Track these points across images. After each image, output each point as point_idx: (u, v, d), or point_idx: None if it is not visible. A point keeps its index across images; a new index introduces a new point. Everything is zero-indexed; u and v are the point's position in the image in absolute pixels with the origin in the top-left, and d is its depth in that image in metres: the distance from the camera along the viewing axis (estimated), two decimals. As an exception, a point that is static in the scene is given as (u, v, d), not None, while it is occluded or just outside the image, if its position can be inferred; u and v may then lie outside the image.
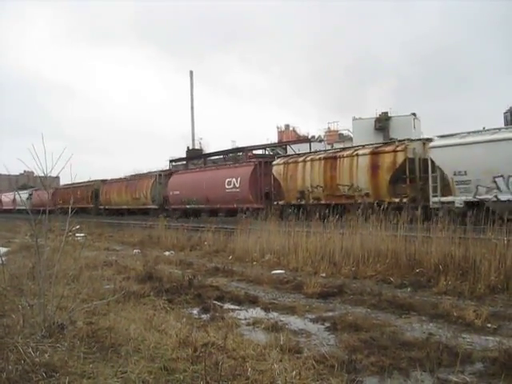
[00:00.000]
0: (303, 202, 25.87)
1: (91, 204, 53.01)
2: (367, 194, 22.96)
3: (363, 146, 25.23)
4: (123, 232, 24.26)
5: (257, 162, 31.91)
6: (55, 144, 7.85)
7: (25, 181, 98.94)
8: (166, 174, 41.59)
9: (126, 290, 8.10)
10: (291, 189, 27.44)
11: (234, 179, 31.73)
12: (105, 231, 25.32)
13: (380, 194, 22.50)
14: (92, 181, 53.98)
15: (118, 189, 48.25)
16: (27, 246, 14.07)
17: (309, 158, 26.93)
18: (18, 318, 5.93)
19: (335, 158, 25.21)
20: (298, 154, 29.90)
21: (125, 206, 46.51)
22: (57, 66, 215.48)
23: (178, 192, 37.56)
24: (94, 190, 52.84)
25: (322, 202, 25.01)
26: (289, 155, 31.02)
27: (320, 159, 26.09)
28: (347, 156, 24.54)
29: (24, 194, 63.99)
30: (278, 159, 29.74)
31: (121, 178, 50.77)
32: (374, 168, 23.00)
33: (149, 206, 41.58)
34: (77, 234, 19.66)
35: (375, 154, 23.31)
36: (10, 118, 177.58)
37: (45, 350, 4.89)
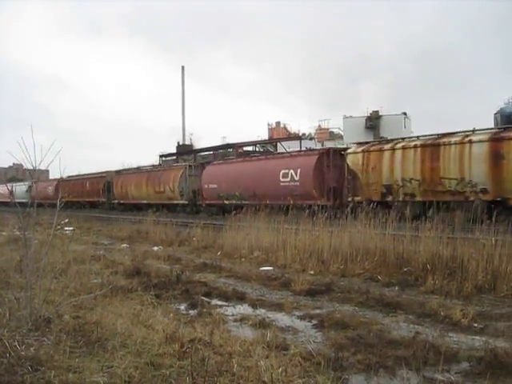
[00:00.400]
0: (390, 199, 21.87)
1: (102, 198, 47.72)
2: (484, 190, 19.20)
3: (473, 130, 20.57)
4: (112, 226, 24.17)
5: (322, 150, 27.30)
6: (47, 137, 7.81)
7: (14, 173, 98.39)
8: (197, 165, 37.05)
9: (113, 285, 8.06)
10: (373, 182, 23.04)
11: (291, 171, 26.61)
12: (93, 225, 25.25)
13: (504, 190, 18.76)
14: (104, 172, 49.93)
15: (136, 181, 42.53)
16: (15, 239, 14.00)
17: (399, 145, 22.50)
18: (4, 311, 5.88)
19: (438, 145, 21.00)
20: (380, 141, 25.20)
21: (145, 201, 40.80)
22: (49, 60, 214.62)
23: (214, 185, 32.48)
24: (106, 182, 47.55)
25: (418, 198, 21.24)
26: (369, 142, 25.91)
27: (416, 147, 21.76)
28: (456, 143, 20.34)
29: (23, 186, 57.77)
30: (355, 146, 25.23)
31: (140, 169, 46.14)
32: (496, 158, 18.85)
33: (176, 202, 36.63)
34: (65, 228, 19.59)
35: (497, 140, 19.15)
36: (2, 112, 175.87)
37: (31, 344, 4.86)
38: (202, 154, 47.12)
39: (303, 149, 33.18)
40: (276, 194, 26.04)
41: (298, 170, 26.30)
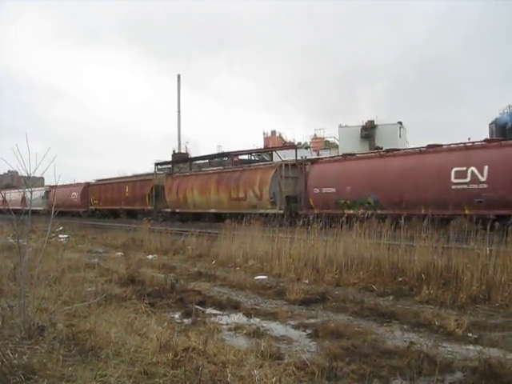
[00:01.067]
0: None
1: (149, 206, 38.68)
2: None
3: None
4: (106, 234, 24.05)
5: None
6: (41, 145, 7.80)
7: (8, 180, 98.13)
8: (295, 164, 28.50)
9: (107, 293, 8.05)
10: None
11: (472, 168, 19.52)
12: (88, 233, 25.14)
13: None
14: (149, 174, 43.18)
15: (200, 185, 33.55)
16: (9, 247, 13.94)
17: None
18: (-3, 319, 5.86)
19: None
20: None
21: (213, 210, 32.04)
22: (44, 67, 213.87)
23: (331, 189, 25.06)
24: (154, 186, 38.69)
25: None
26: None
27: None
28: None
29: (38, 192, 50.26)
30: None
31: (202, 171, 37.41)
32: None
33: (264, 211, 26.02)
34: (60, 236, 19.54)
35: None
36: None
37: (24, 352, 4.83)
38: (198, 162, 47.09)
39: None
40: (442, 201, 19.59)
41: (485, 167, 19.35)
